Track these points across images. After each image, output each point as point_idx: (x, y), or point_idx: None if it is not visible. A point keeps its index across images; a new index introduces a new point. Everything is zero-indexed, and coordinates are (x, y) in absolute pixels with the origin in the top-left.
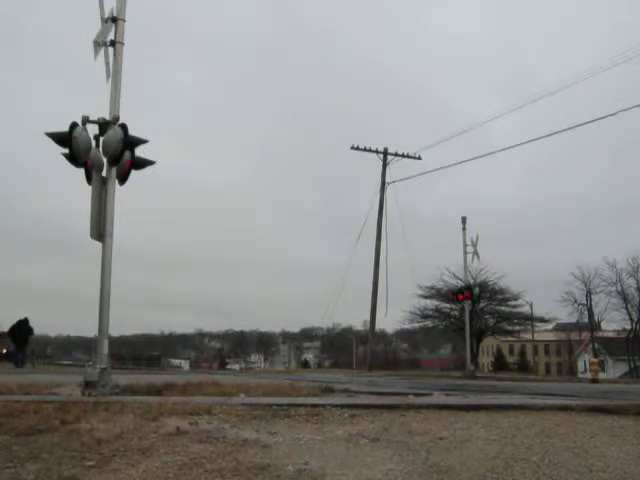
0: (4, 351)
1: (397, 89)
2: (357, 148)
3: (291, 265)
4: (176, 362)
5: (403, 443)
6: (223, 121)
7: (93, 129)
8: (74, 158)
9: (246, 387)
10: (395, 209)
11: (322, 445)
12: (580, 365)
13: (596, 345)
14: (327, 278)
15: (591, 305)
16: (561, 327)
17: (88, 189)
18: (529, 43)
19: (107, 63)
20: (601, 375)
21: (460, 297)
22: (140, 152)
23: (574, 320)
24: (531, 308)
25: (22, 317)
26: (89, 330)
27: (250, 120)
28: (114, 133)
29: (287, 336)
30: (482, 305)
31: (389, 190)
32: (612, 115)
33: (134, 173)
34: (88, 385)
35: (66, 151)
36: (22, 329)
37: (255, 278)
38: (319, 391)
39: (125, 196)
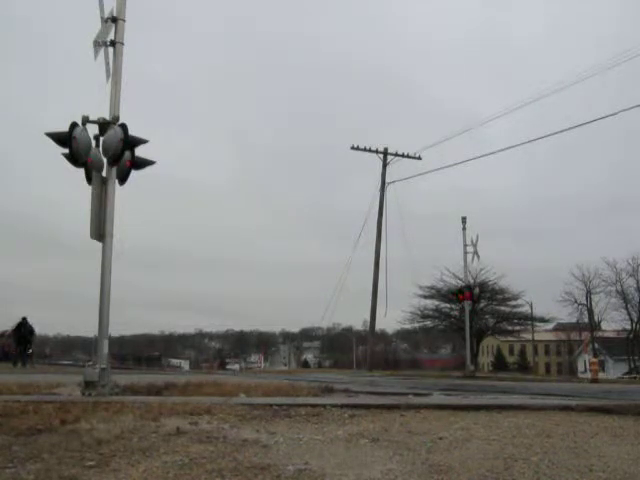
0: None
1: (396, 89)
2: (357, 148)
3: (291, 265)
4: (176, 362)
5: (403, 443)
6: (223, 120)
7: (93, 129)
8: (74, 158)
9: (246, 387)
10: (395, 209)
11: (322, 445)
12: (580, 365)
13: (596, 345)
14: (327, 278)
15: (591, 305)
16: (561, 327)
17: (88, 189)
18: (530, 42)
19: (107, 63)
20: (601, 375)
21: (460, 297)
22: (140, 152)
23: (574, 320)
24: (531, 308)
25: (21, 317)
26: (89, 330)
27: (250, 119)
28: (114, 133)
29: (287, 336)
30: (482, 305)
31: (389, 190)
32: (612, 115)
33: (134, 173)
34: (88, 385)
35: (66, 151)
36: (23, 329)
37: (255, 278)
38: (319, 391)
39: (125, 196)
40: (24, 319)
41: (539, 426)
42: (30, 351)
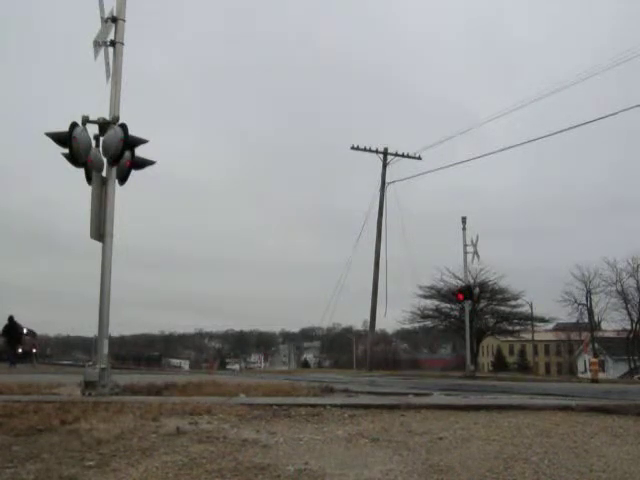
0: (20, 350)
1: (397, 89)
2: (357, 148)
3: (291, 265)
4: (176, 362)
5: (403, 443)
6: (223, 120)
7: (93, 129)
8: (74, 158)
9: (246, 387)
10: (395, 209)
11: (322, 445)
12: (580, 365)
13: (596, 345)
14: (327, 278)
15: (591, 305)
16: (561, 327)
17: (88, 189)
18: (530, 42)
19: (107, 63)
20: (601, 375)
21: (461, 297)
22: (140, 152)
23: (574, 320)
24: (531, 308)
25: (7, 317)
26: (89, 330)
27: (250, 119)
28: (114, 133)
29: (287, 336)
30: (482, 305)
31: (389, 190)
32: (612, 115)
33: (134, 173)
34: (88, 385)
35: (66, 151)
36: (11, 329)
37: (255, 278)
38: (319, 391)
39: (125, 196)
40: (11, 319)
41: (539, 426)
42: (35, 350)
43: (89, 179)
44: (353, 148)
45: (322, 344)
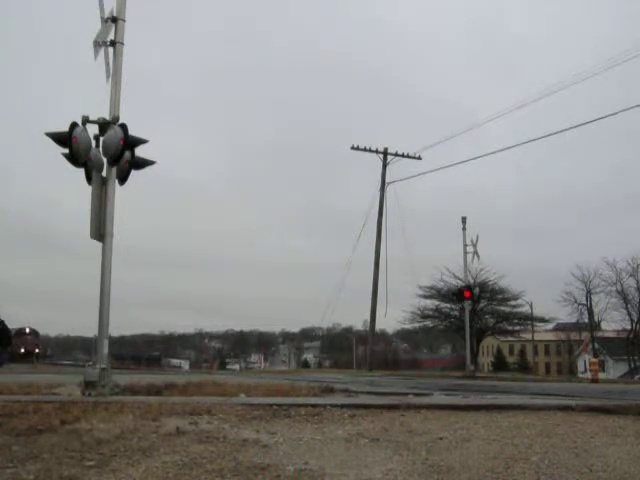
0: (22, 350)
1: (397, 89)
2: (357, 148)
3: (291, 265)
4: (176, 362)
5: (403, 443)
6: (223, 120)
7: (93, 129)
8: (74, 158)
9: (246, 387)
10: (395, 209)
11: (322, 445)
12: (580, 365)
13: (596, 345)
14: (327, 278)
15: (591, 305)
16: (561, 327)
17: (88, 189)
18: (530, 42)
19: (107, 63)
20: (601, 375)
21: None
22: (140, 152)
23: (574, 320)
24: (531, 308)
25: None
26: (89, 330)
27: (250, 119)
28: (114, 133)
29: (287, 336)
30: (482, 305)
31: (389, 190)
32: (612, 115)
33: (134, 173)
34: (88, 385)
35: (66, 151)
36: (3, 331)
37: (255, 278)
38: (319, 391)
39: (125, 196)
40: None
41: (539, 426)
42: (37, 350)
43: (89, 179)
44: (353, 148)
45: (322, 344)
